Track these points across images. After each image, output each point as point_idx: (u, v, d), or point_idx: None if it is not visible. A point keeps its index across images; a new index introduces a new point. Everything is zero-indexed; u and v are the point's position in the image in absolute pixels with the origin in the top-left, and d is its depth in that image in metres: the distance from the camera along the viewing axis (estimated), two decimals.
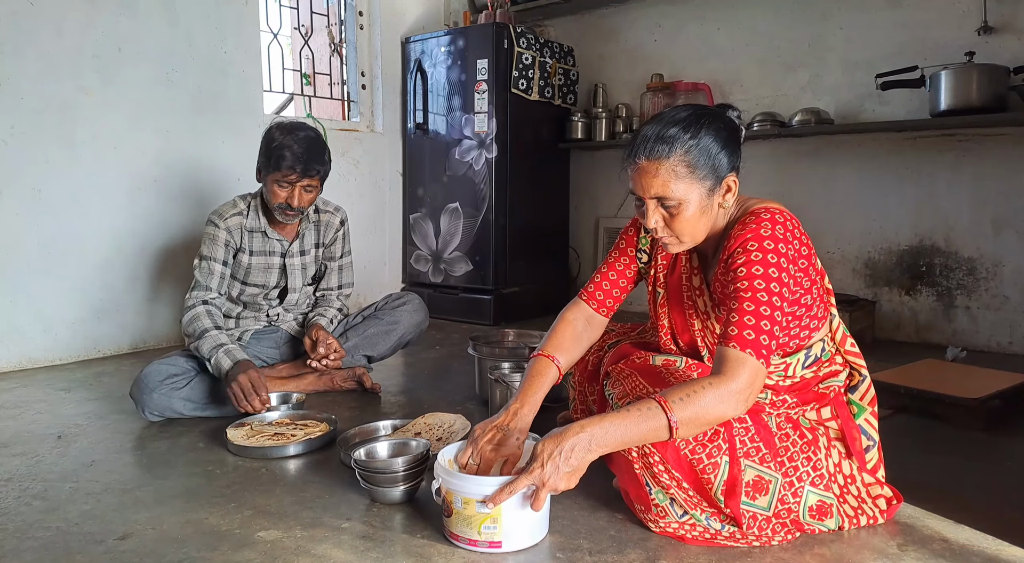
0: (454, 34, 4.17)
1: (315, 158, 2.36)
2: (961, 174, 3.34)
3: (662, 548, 1.42)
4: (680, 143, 1.41)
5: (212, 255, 2.44)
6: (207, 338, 2.29)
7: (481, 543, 1.40)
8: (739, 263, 1.39)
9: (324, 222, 2.63)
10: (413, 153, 4.42)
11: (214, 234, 2.44)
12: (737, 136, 1.50)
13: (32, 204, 3.00)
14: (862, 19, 3.54)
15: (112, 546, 1.46)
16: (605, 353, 1.79)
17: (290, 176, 2.34)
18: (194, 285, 2.44)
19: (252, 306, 2.59)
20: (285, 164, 2.32)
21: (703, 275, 1.61)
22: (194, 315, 2.35)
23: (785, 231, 1.41)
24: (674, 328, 1.66)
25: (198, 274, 2.44)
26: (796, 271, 1.42)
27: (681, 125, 1.42)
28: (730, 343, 1.35)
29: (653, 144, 1.42)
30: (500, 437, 1.51)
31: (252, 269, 2.51)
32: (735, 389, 1.31)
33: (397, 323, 2.67)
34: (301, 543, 1.46)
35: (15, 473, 1.86)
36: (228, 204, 2.51)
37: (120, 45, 3.20)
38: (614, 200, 4.49)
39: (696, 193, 1.42)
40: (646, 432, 1.33)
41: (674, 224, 1.45)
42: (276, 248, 2.54)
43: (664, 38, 4.26)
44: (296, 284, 2.60)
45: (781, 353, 1.53)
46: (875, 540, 1.47)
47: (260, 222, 2.51)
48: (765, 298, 1.35)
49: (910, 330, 3.54)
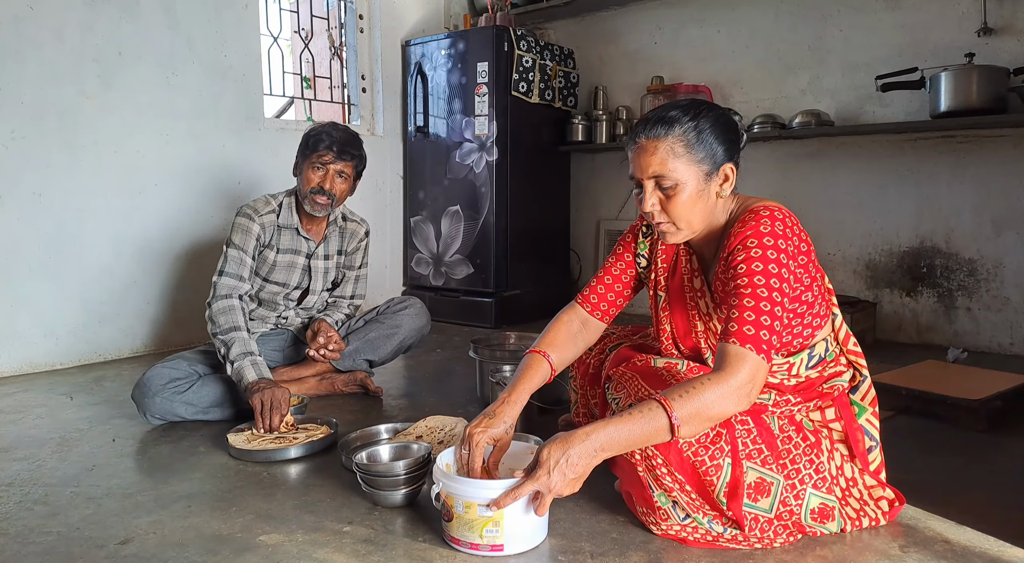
0: (454, 37, 4.18)
1: (351, 143, 2.47)
2: (961, 175, 3.34)
3: (664, 550, 1.42)
4: (679, 124, 1.45)
5: (243, 246, 2.42)
6: (238, 340, 2.25)
7: (483, 547, 1.40)
8: (739, 260, 1.40)
9: (350, 231, 2.68)
10: (414, 156, 4.42)
11: (248, 226, 2.44)
12: (736, 130, 1.52)
13: (33, 208, 3.00)
14: (862, 21, 3.55)
15: (113, 551, 1.46)
16: (606, 356, 1.79)
17: (325, 156, 2.41)
18: (224, 271, 2.39)
19: (268, 305, 2.59)
20: (323, 145, 2.41)
21: (704, 276, 1.61)
22: (229, 306, 2.32)
23: (784, 228, 1.42)
24: (676, 333, 1.65)
25: (229, 262, 2.40)
26: (796, 267, 1.42)
27: (681, 109, 1.47)
28: (730, 339, 1.35)
29: (653, 125, 1.47)
30: (486, 422, 1.52)
31: (276, 266, 2.52)
32: (736, 385, 1.32)
33: (399, 327, 2.67)
34: (302, 547, 1.46)
35: (16, 478, 1.86)
36: (261, 201, 2.52)
37: (120, 49, 3.20)
38: (615, 202, 4.49)
39: (693, 174, 1.45)
40: (649, 433, 1.32)
41: (670, 207, 1.47)
42: (303, 248, 2.56)
43: (664, 40, 4.26)
44: (318, 286, 2.63)
45: (785, 352, 1.53)
46: (877, 542, 1.46)
47: (293, 219, 2.53)
48: (765, 294, 1.36)
49: (911, 331, 3.53)
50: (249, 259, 2.43)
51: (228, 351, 2.24)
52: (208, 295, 2.39)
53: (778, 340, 1.37)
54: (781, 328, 1.38)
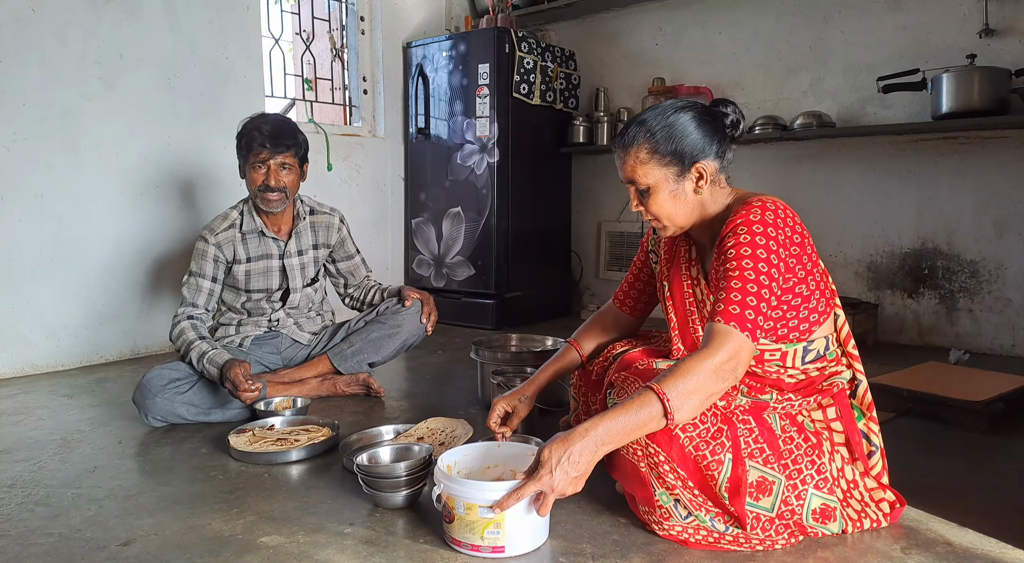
0: (456, 39, 4.18)
1: (284, 133, 2.43)
2: (963, 177, 3.34)
3: (665, 552, 1.42)
4: (644, 129, 1.52)
5: (200, 272, 2.48)
6: (193, 350, 2.33)
7: (484, 548, 1.40)
8: (728, 245, 1.44)
9: (323, 223, 2.65)
10: (415, 158, 4.43)
11: (203, 250, 2.48)
12: (716, 124, 1.54)
13: (35, 210, 3.01)
14: (863, 22, 3.55)
15: (115, 552, 1.46)
16: (610, 363, 1.79)
17: (261, 154, 2.39)
18: (181, 301, 2.48)
19: (256, 312, 2.60)
20: (256, 143, 2.39)
21: (701, 265, 1.65)
22: (180, 329, 2.40)
23: (776, 218, 1.45)
24: (678, 323, 1.68)
25: (185, 290, 2.48)
26: (787, 257, 1.45)
27: (652, 113, 1.53)
28: (716, 318, 1.39)
29: (623, 133, 1.55)
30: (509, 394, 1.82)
31: (252, 276, 2.52)
32: (720, 360, 1.34)
33: (400, 327, 2.66)
34: (304, 548, 1.46)
35: (18, 479, 1.86)
36: (219, 218, 2.54)
37: (122, 51, 3.21)
38: (616, 204, 4.49)
39: (661, 176, 1.52)
40: (645, 419, 1.34)
41: (649, 207, 1.56)
42: (273, 250, 2.56)
43: (665, 42, 4.26)
44: (297, 284, 2.61)
45: (774, 337, 1.53)
46: (879, 543, 1.46)
47: (256, 223, 2.53)
48: (752, 277, 1.39)
49: (913, 333, 3.53)
50: (206, 282, 2.48)
51: (193, 365, 2.33)
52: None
53: (764, 320, 1.40)
54: (768, 310, 1.41)
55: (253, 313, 2.60)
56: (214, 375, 2.27)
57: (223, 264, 2.50)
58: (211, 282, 2.48)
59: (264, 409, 2.30)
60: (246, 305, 2.58)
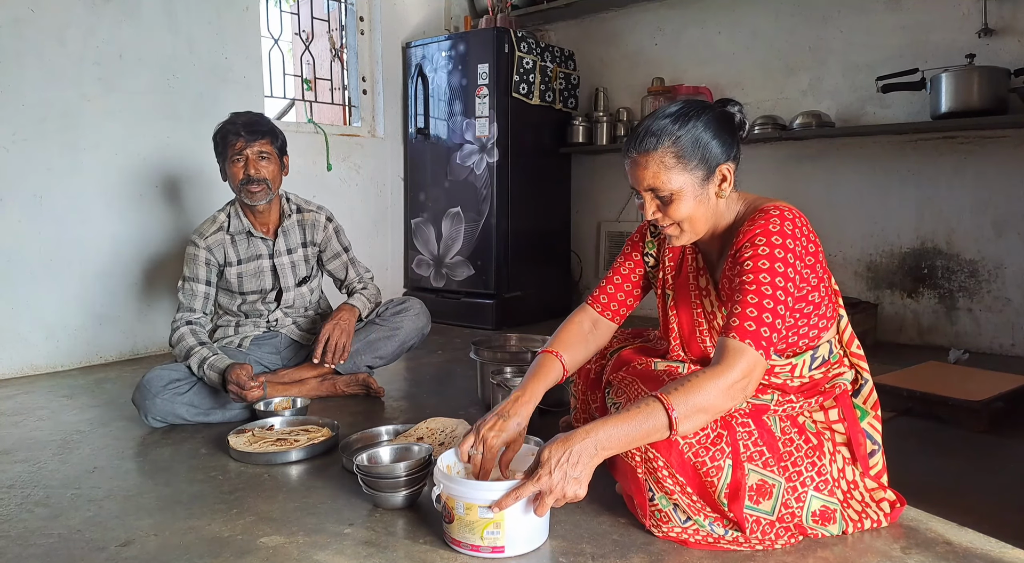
0: (455, 39, 4.18)
1: (257, 122, 2.45)
2: (962, 176, 3.34)
3: (665, 552, 1.42)
4: (668, 135, 1.44)
5: (194, 276, 2.48)
6: (193, 356, 2.33)
7: (484, 548, 1.40)
8: (746, 257, 1.40)
9: (309, 221, 2.64)
10: (414, 158, 4.43)
11: (194, 254, 2.48)
12: (731, 126, 1.51)
13: (34, 211, 3.01)
14: (862, 22, 3.54)
15: (114, 553, 1.46)
16: (607, 361, 1.78)
17: (237, 144, 2.40)
18: (179, 307, 2.48)
19: (253, 313, 2.60)
20: (231, 135, 2.40)
21: (709, 275, 1.62)
22: (179, 335, 2.40)
23: (794, 227, 1.42)
24: (682, 333, 1.65)
25: (181, 296, 2.49)
26: (803, 268, 1.42)
27: (670, 117, 1.46)
28: (730, 333, 1.36)
29: (643, 138, 1.47)
30: (500, 423, 1.51)
31: (244, 278, 2.53)
32: (732, 379, 1.32)
33: (399, 328, 2.66)
34: (303, 549, 1.46)
35: (17, 480, 1.86)
36: (208, 221, 2.54)
37: (121, 52, 3.21)
38: (616, 204, 4.49)
39: (687, 183, 1.45)
40: (649, 429, 1.33)
41: (670, 214, 1.48)
42: (262, 250, 2.55)
43: (665, 42, 4.26)
44: (289, 283, 2.61)
45: (789, 353, 1.52)
46: (878, 543, 1.46)
47: (243, 223, 2.53)
48: (769, 292, 1.36)
49: (912, 332, 3.53)
50: (201, 286, 2.48)
51: (193, 371, 2.32)
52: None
53: (779, 338, 1.37)
54: (783, 327, 1.38)
55: (251, 315, 2.60)
56: (215, 381, 2.27)
57: (215, 267, 2.50)
58: (205, 286, 2.48)
59: (264, 409, 2.30)
60: (242, 308, 2.58)
